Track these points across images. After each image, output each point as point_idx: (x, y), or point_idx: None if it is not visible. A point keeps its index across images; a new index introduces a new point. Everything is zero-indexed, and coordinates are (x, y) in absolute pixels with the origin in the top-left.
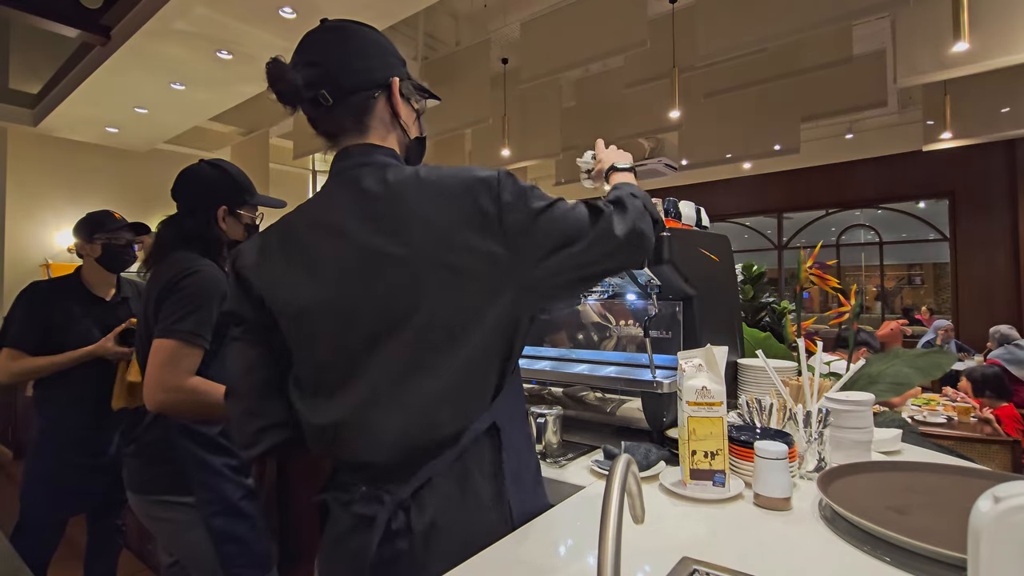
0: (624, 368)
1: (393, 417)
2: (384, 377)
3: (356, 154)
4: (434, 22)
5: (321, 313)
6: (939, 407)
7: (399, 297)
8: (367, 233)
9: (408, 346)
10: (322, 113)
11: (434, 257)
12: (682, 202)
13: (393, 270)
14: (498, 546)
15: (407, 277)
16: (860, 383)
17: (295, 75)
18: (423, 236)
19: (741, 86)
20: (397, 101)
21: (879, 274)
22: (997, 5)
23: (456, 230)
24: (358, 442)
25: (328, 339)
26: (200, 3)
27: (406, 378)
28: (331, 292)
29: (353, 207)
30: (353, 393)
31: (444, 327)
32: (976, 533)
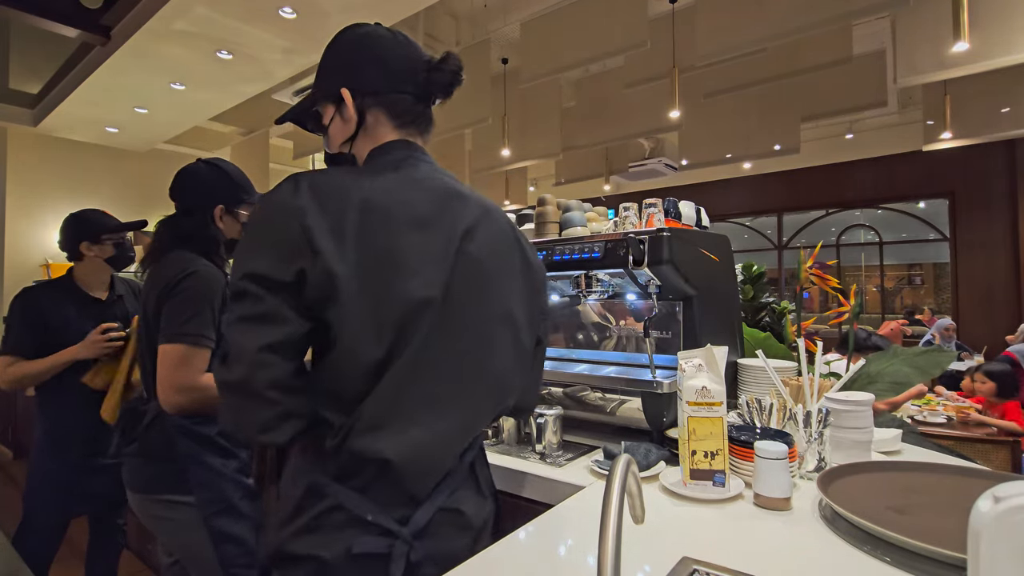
0: (624, 368)
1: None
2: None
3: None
4: (434, 22)
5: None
6: (939, 407)
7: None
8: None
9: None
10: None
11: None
12: (682, 202)
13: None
14: (498, 546)
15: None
16: (860, 382)
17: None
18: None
19: (741, 86)
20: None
21: (879, 274)
22: (997, 5)
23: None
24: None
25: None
26: (200, 3)
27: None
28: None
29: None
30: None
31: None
32: (976, 533)
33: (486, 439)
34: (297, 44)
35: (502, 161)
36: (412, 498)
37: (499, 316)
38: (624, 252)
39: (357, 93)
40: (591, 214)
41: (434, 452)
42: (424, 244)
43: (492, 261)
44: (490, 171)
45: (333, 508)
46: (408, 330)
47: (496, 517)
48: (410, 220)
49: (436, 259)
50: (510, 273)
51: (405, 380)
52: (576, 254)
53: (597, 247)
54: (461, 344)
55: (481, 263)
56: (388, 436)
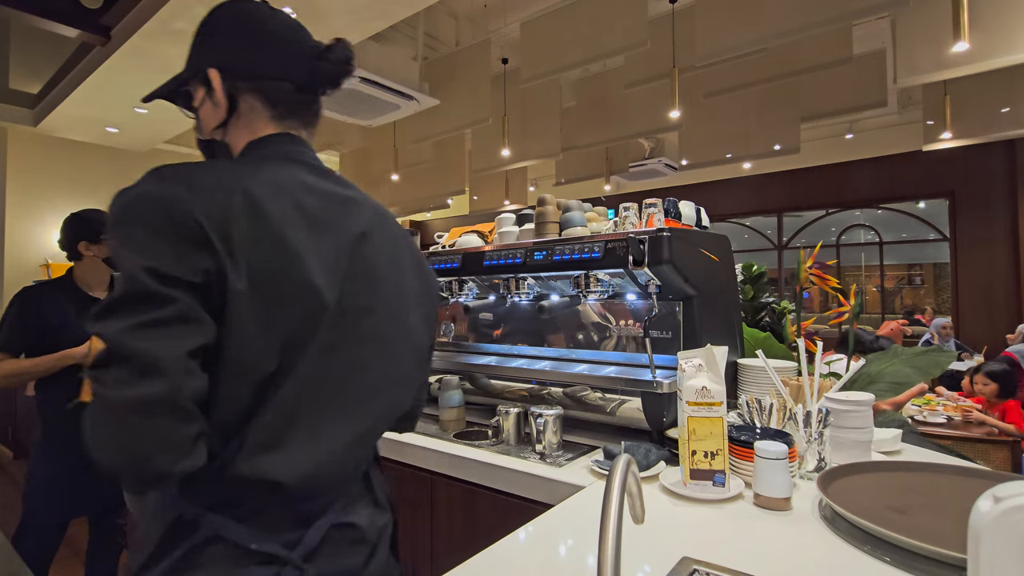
0: (624, 368)
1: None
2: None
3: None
4: (434, 22)
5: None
6: (939, 407)
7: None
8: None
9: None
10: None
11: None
12: (682, 202)
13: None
14: (498, 546)
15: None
16: (860, 383)
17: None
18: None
19: (741, 86)
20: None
21: (879, 274)
22: (997, 5)
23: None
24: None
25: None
26: (200, 3)
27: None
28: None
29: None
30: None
31: None
32: (976, 533)
33: (486, 439)
34: None
35: (502, 161)
36: (304, 519)
37: (396, 322)
38: (624, 252)
39: (228, 75)
40: (591, 214)
41: (332, 469)
42: (317, 248)
43: (388, 266)
44: (490, 171)
45: (209, 540)
46: (302, 340)
47: (394, 527)
48: (301, 222)
49: (330, 264)
50: (405, 278)
51: (301, 394)
52: (576, 254)
53: (597, 247)
54: (358, 352)
55: (377, 268)
56: (282, 456)
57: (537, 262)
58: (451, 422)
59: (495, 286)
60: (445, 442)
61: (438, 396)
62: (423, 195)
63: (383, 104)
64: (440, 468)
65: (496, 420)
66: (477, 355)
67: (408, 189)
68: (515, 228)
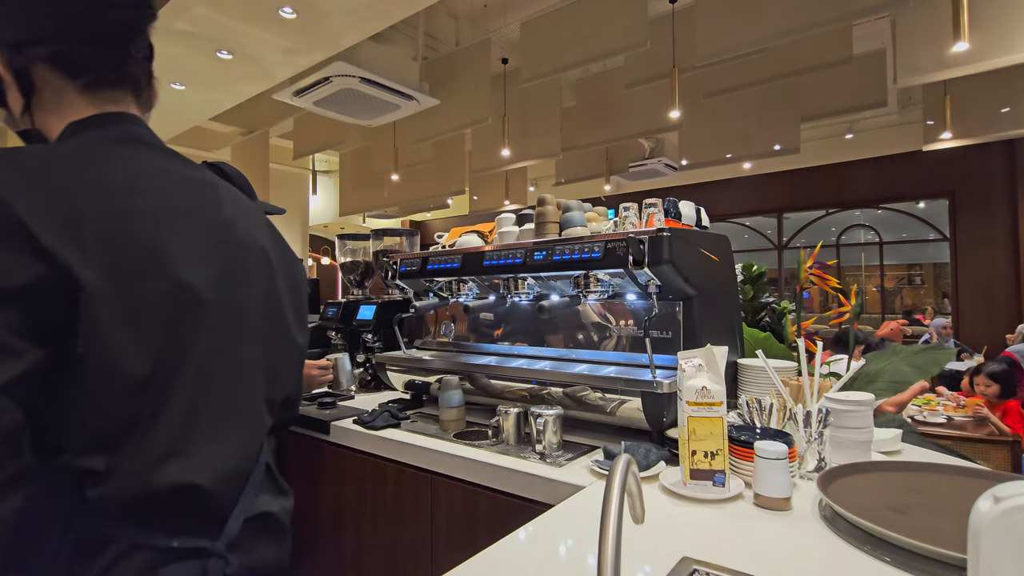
0: (624, 368)
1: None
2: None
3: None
4: (434, 22)
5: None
6: (939, 407)
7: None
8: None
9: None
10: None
11: None
12: (682, 202)
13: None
14: (498, 546)
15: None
16: (859, 382)
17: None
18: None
19: (741, 86)
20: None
21: (879, 274)
22: (997, 5)
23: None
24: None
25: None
26: (200, 3)
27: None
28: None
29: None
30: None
31: None
32: (976, 533)
33: (486, 439)
34: (297, 44)
35: (502, 161)
36: (220, 513)
37: (270, 311)
38: (624, 252)
39: (3, 46)
40: (591, 214)
41: (240, 464)
42: (183, 242)
43: (256, 252)
44: (490, 171)
45: (125, 552)
46: (182, 342)
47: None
48: (162, 214)
49: (201, 257)
50: (274, 264)
51: (196, 399)
52: (576, 254)
53: (597, 247)
54: (244, 348)
55: (247, 256)
56: (192, 461)
57: (537, 262)
58: (451, 422)
59: (495, 286)
60: (445, 442)
61: (438, 396)
62: (423, 195)
63: (383, 104)
64: (440, 468)
65: (496, 420)
66: (477, 355)
67: (408, 189)
68: (515, 228)
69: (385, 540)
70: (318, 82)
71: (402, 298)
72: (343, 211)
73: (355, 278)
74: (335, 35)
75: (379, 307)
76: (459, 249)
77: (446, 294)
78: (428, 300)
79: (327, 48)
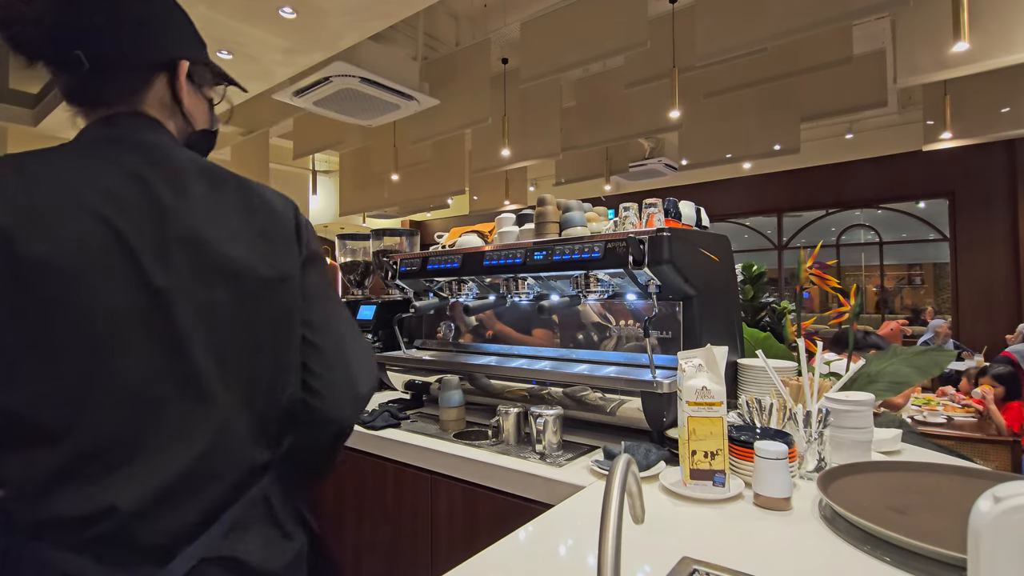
0: (624, 368)
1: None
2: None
3: (143, 125)
4: (434, 22)
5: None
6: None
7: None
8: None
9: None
10: (77, 79)
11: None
12: (682, 202)
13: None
14: (498, 546)
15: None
16: (859, 382)
17: (40, 24)
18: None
19: (741, 86)
20: (181, 86)
21: (879, 274)
22: (997, 5)
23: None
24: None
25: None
26: (200, 3)
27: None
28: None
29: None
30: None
31: None
32: (976, 533)
33: (486, 439)
34: (297, 44)
35: (502, 161)
36: (163, 548)
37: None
38: (624, 252)
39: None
40: (591, 214)
41: (178, 487)
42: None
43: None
44: (490, 171)
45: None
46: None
47: (318, 555)
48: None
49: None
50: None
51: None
52: (576, 254)
53: (597, 247)
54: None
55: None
56: (117, 479)
57: (537, 262)
58: (451, 422)
59: (495, 286)
60: (445, 442)
61: (438, 396)
62: (423, 195)
63: (383, 104)
64: (440, 468)
65: (496, 420)
66: (477, 355)
67: (408, 189)
68: (515, 228)
69: (385, 540)
70: (318, 82)
71: (402, 298)
72: (343, 211)
73: (355, 278)
74: (335, 35)
75: (379, 307)
76: (459, 249)
77: (446, 294)
78: (428, 300)
79: (327, 48)
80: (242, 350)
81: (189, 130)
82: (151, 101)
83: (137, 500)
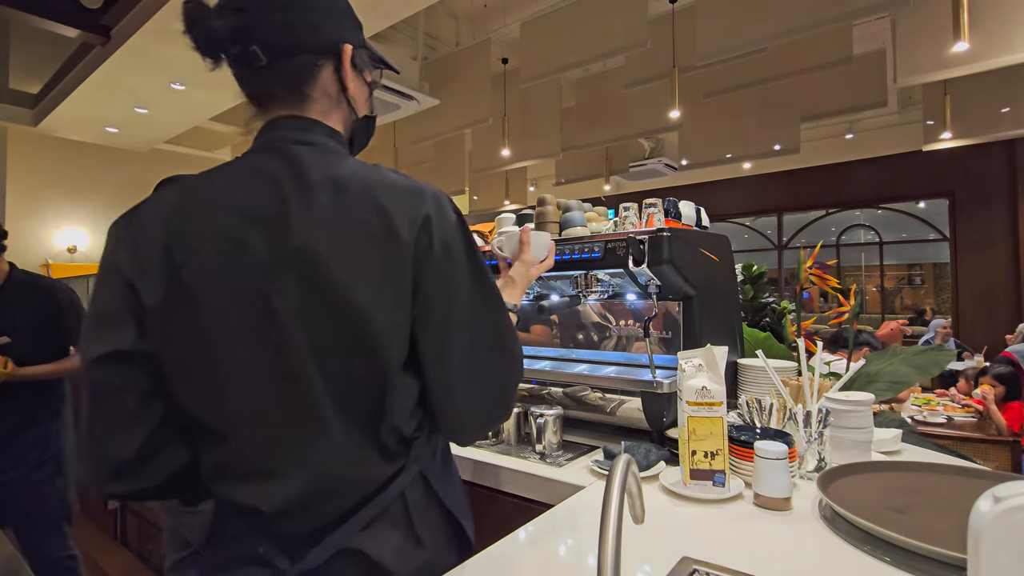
0: (624, 368)
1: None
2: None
3: (292, 128)
4: (434, 22)
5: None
6: (939, 407)
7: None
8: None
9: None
10: (250, 73)
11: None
12: (682, 202)
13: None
14: (498, 546)
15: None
16: (859, 382)
17: (218, 21)
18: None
19: (741, 86)
20: (347, 72)
21: (879, 274)
22: (997, 5)
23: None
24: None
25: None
26: None
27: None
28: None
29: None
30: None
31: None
32: (976, 533)
33: (486, 439)
34: None
35: (502, 161)
36: (305, 540)
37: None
38: (624, 252)
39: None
40: (591, 214)
41: (308, 499)
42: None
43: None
44: (490, 171)
45: (234, 534)
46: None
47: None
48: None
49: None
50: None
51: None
52: (576, 254)
53: (597, 247)
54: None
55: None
56: (259, 486)
57: None
58: None
59: None
60: None
61: None
62: None
63: (383, 104)
64: None
65: None
66: None
67: None
68: (515, 228)
69: None
70: None
71: None
72: None
73: None
74: None
75: None
76: None
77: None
78: None
79: None
80: (357, 373)
81: (353, 118)
82: (317, 94)
83: (277, 506)
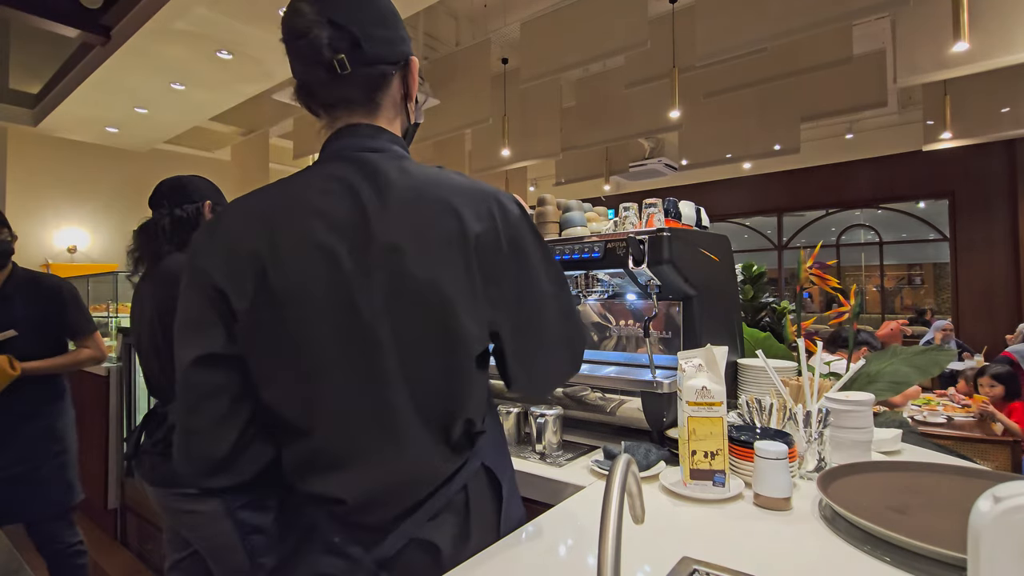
0: (624, 368)
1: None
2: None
3: (362, 135)
4: (434, 22)
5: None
6: (939, 407)
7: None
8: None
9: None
10: (329, 80)
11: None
12: (682, 202)
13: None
14: (498, 546)
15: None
16: (859, 382)
17: (320, 32)
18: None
19: (741, 86)
20: (414, 82)
21: (879, 274)
22: (997, 5)
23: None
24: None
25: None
26: (200, 3)
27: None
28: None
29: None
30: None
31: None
32: (976, 533)
33: None
34: None
35: (502, 161)
36: (383, 528)
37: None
38: (624, 252)
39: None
40: (591, 214)
41: (385, 493)
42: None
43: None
44: (490, 171)
45: (312, 525)
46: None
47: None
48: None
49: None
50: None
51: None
52: (576, 254)
53: (597, 247)
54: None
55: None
56: (343, 478)
57: None
58: None
59: None
60: None
61: None
62: None
63: None
64: None
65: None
66: None
67: None
68: None
69: None
70: None
71: None
72: None
73: None
74: None
75: None
76: None
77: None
78: None
79: None
80: (439, 368)
81: (407, 125)
82: (387, 102)
83: (358, 497)
